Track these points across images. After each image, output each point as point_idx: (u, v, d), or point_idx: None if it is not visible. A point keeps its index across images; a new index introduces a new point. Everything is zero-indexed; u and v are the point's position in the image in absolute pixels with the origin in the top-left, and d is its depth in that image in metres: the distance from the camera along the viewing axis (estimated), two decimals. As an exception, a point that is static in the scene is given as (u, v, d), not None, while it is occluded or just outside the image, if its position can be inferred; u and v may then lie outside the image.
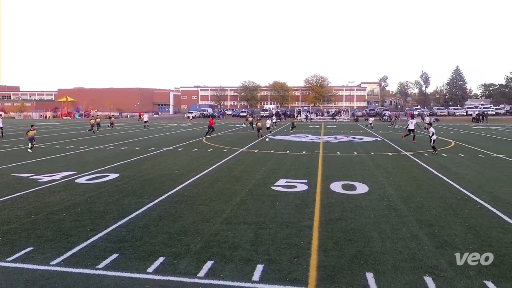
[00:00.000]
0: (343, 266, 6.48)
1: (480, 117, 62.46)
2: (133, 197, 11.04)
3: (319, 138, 31.34)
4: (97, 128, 38.24)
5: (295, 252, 7.08)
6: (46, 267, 6.41)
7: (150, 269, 6.34)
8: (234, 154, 20.71)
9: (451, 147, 24.42)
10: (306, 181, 13.42)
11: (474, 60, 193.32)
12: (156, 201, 10.66)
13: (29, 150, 21.50)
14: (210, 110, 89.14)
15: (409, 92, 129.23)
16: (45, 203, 10.40)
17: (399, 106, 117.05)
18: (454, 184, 12.79)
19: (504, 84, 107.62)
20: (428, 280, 5.95)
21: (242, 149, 22.96)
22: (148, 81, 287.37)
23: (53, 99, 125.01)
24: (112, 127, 45.04)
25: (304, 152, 21.90)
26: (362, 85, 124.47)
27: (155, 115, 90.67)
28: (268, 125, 35.44)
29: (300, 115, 73.31)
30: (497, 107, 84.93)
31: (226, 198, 10.97)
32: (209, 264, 6.55)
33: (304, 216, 9.28)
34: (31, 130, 22.36)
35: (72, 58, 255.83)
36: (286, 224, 8.64)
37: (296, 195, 11.37)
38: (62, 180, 13.47)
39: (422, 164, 17.30)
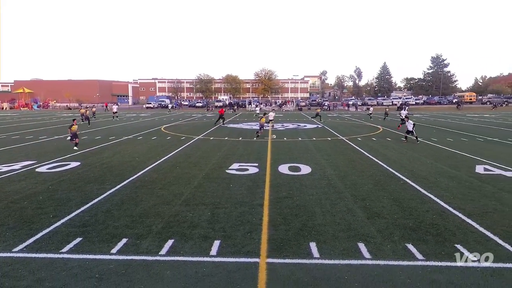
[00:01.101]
0: (290, 238, 6.68)
1: (403, 106, 66.33)
2: (95, 184, 10.54)
3: (268, 126, 31.67)
4: (82, 119, 33.48)
5: (248, 227, 7.18)
6: (8, 254, 5.98)
7: (113, 250, 6.13)
8: (191, 142, 20.38)
9: (380, 132, 25.77)
10: (257, 164, 13.56)
11: (399, 57, 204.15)
12: (118, 186, 10.26)
13: (75, 148, 17.30)
14: (167, 101, 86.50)
15: (345, 85, 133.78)
16: (5, 192, 9.63)
17: (336, 97, 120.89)
18: (382, 164, 13.55)
19: (422, 78, 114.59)
20: (361, 246, 6.31)
21: (198, 137, 22.64)
22: (107, 73, 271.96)
23: (10, 90, 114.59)
24: (94, 117, 41.65)
25: (255, 138, 22.05)
26: (305, 78, 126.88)
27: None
28: (271, 118, 30.67)
29: (251, 105, 73.55)
30: (416, 98, 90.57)
31: (184, 182, 10.81)
32: (170, 242, 6.46)
33: (256, 195, 9.40)
34: (74, 124, 18.06)
35: (28, 50, 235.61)
36: (240, 204, 8.71)
37: (248, 177, 11.47)
38: (22, 170, 12.52)
39: (356, 147, 18.12)
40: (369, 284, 5.08)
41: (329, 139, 21.70)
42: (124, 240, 6.53)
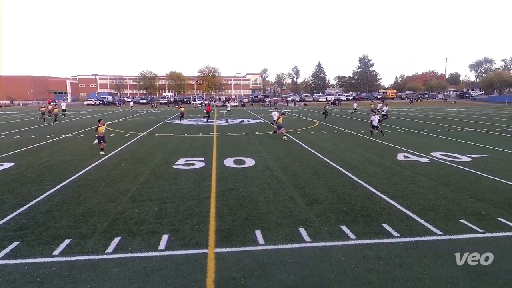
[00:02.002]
0: (237, 227, 6.73)
1: (336, 102, 70.08)
2: (32, 185, 9.63)
3: (213, 122, 31.43)
4: (43, 118, 30.20)
5: (196, 220, 7.09)
6: None
7: (55, 252, 5.68)
8: (136, 138, 19.50)
9: (316, 126, 26.89)
10: (203, 159, 13.40)
11: (332, 57, 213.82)
12: (58, 186, 9.48)
13: (102, 152, 14.38)
14: (110, 98, 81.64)
15: (284, 82, 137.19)
16: None
17: (277, 94, 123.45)
18: (319, 155, 14.17)
19: (352, 76, 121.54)
20: (302, 230, 6.57)
21: (143, 133, 21.74)
22: (43, 69, 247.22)
23: None
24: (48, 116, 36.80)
25: (200, 134, 21.75)
26: (247, 76, 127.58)
27: (52, 103, 79.18)
28: (275, 118, 24.83)
29: (196, 101, 72.32)
30: (347, 94, 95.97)
31: (130, 179, 10.33)
32: (116, 240, 6.15)
33: (203, 189, 9.31)
34: (100, 126, 14.72)
35: None
36: (187, 197, 8.56)
37: (195, 172, 11.30)
38: None
39: (296, 140, 18.73)
40: (309, 264, 5.32)
41: (271, 133, 22.13)
42: (67, 241, 6.08)
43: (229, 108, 39.72)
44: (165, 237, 6.26)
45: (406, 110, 50.09)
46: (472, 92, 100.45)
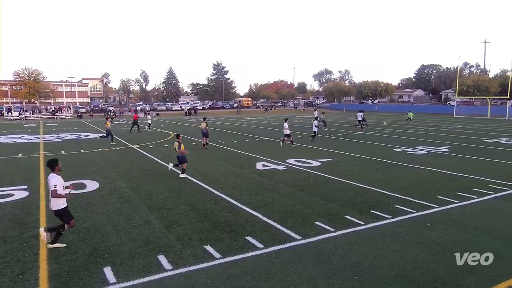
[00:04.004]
0: (78, 268, 6.00)
1: (191, 111, 71.33)
2: None
3: (39, 138, 27.35)
4: None
5: (19, 268, 5.98)
6: None
7: None
8: None
9: (171, 138, 26.68)
10: (26, 187, 11.47)
11: (184, 62, 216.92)
12: None
13: (182, 175, 12.51)
14: None
15: (131, 89, 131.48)
16: None
17: (123, 102, 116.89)
18: (176, 170, 14.06)
19: (206, 84, 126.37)
20: (162, 258, 6.37)
21: None
22: None
23: None
24: None
25: (20, 154, 18.58)
26: (84, 81, 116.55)
27: None
28: (287, 132, 21.12)
29: (11, 113, 61.49)
30: (203, 103, 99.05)
31: None
32: None
33: (27, 226, 7.95)
34: (180, 142, 13.19)
35: None
36: (3, 240, 7.15)
37: (14, 205, 9.55)
38: None
39: (148, 155, 18.12)
40: (172, 295, 5.18)
41: (118, 148, 20.78)
42: None
43: (149, 121, 34.94)
44: (-31, 300, 5.04)
45: (262, 118, 55.19)
46: (317, 101, 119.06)
